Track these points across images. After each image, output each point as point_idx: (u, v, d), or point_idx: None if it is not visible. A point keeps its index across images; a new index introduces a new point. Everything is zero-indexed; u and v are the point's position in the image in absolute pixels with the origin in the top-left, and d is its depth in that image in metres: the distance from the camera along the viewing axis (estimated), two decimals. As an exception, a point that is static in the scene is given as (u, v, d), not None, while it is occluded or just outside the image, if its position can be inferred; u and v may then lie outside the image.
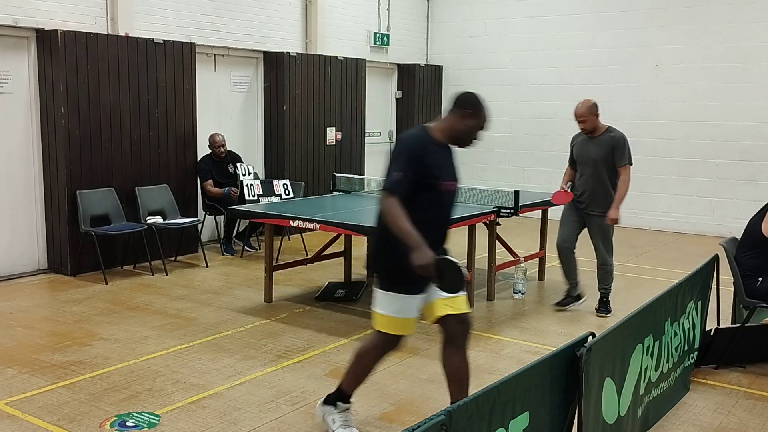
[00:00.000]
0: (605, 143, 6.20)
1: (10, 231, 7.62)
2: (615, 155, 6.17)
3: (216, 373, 4.98)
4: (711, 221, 10.65)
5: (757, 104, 10.20)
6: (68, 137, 7.50)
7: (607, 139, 6.21)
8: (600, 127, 6.26)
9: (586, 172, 6.32)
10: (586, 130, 6.23)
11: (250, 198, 8.68)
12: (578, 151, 6.41)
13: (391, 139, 12.54)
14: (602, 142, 6.22)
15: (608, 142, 6.20)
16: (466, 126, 3.84)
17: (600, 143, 6.22)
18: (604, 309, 6.53)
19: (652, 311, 4.01)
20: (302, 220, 6.16)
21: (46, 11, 7.59)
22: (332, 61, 10.49)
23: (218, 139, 8.81)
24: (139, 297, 6.93)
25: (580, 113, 6.18)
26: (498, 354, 5.51)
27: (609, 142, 6.19)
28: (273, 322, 6.18)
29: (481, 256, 7.16)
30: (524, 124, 12.13)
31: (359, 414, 4.37)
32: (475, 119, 3.87)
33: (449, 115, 3.92)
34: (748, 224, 5.28)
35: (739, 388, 4.87)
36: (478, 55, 12.51)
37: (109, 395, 4.60)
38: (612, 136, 6.23)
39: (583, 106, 6.18)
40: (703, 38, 10.51)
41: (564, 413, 3.05)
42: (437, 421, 2.24)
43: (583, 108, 6.18)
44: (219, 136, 8.84)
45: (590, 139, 6.28)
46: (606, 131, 6.27)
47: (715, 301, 5.19)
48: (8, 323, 6.06)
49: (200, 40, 9.05)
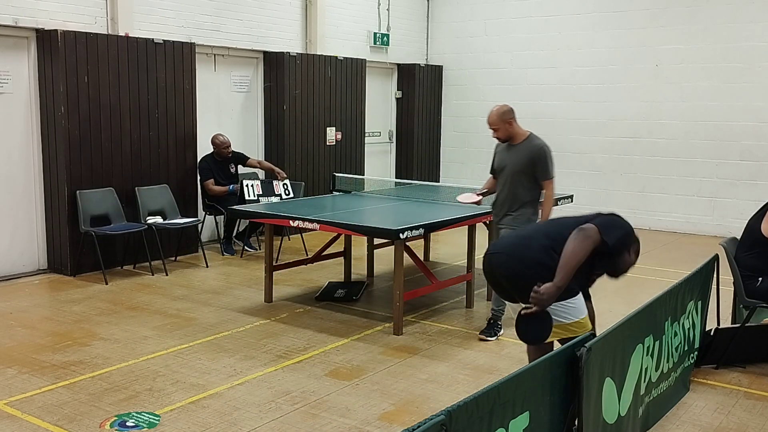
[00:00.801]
0: (523, 152, 5.59)
1: (10, 231, 7.62)
2: (536, 168, 5.54)
3: (216, 373, 4.98)
4: (711, 221, 10.65)
5: (757, 104, 10.19)
6: (68, 137, 7.50)
7: (527, 149, 5.60)
8: (519, 135, 5.65)
9: (501, 183, 5.74)
10: (500, 139, 5.67)
11: (250, 198, 8.68)
12: (498, 160, 5.82)
13: (390, 139, 12.55)
14: (520, 151, 5.61)
15: (527, 151, 5.58)
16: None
17: (518, 152, 5.61)
18: (489, 332, 5.81)
19: (652, 311, 4.01)
20: (302, 220, 6.16)
21: (46, 11, 7.59)
22: (332, 61, 10.49)
23: (221, 140, 8.79)
24: (139, 297, 6.93)
25: (492, 121, 5.60)
26: (498, 354, 5.50)
27: (528, 152, 5.58)
28: (273, 322, 6.18)
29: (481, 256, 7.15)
30: (524, 124, 12.05)
31: (359, 414, 4.37)
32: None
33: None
34: (747, 224, 5.28)
35: (739, 388, 4.87)
36: (478, 55, 12.51)
37: (109, 395, 4.60)
38: (533, 145, 5.60)
39: (494, 113, 5.60)
40: (703, 38, 10.50)
41: (564, 413, 3.05)
42: (437, 421, 2.24)
43: (494, 115, 5.60)
44: (222, 137, 8.83)
45: (509, 148, 5.68)
46: (526, 139, 5.64)
47: (715, 301, 5.18)
48: (8, 323, 6.06)
49: (200, 40, 9.05)
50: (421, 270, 6.50)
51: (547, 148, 5.61)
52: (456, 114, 12.84)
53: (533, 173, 5.56)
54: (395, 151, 12.64)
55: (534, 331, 3.73)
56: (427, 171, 12.72)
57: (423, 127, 12.61)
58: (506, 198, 5.69)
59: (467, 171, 12.71)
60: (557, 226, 4.00)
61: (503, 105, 5.68)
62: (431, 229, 6.28)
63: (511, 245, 4.07)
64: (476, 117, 12.61)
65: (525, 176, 5.59)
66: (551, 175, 5.59)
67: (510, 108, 5.66)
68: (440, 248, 9.22)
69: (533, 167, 5.55)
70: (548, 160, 5.58)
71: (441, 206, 7.04)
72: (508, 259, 3.93)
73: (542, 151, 5.58)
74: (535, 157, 5.55)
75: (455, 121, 12.90)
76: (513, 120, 5.63)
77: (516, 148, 5.64)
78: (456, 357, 5.41)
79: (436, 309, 6.65)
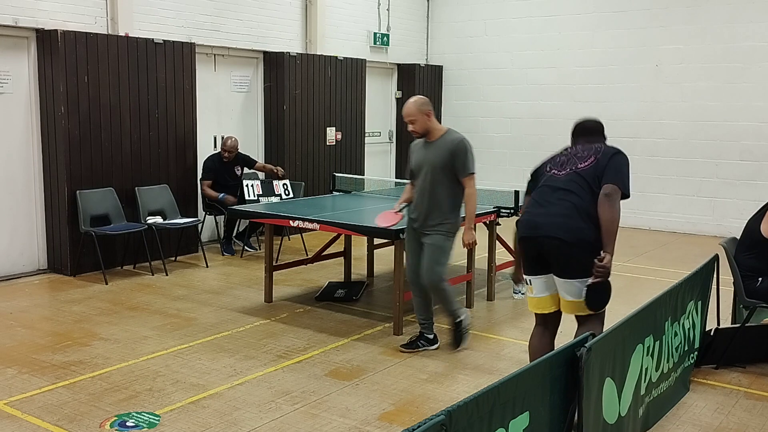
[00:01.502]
0: (442, 148, 5.20)
1: (10, 231, 7.62)
2: (456, 163, 5.16)
3: (216, 373, 4.98)
4: (711, 221, 10.65)
5: (757, 104, 10.20)
6: (68, 137, 7.50)
7: (446, 143, 5.21)
8: (436, 130, 5.27)
9: (419, 184, 5.31)
10: (416, 133, 5.27)
11: (250, 198, 8.68)
12: (415, 159, 5.39)
13: (390, 139, 12.54)
14: (438, 147, 5.22)
15: (446, 146, 5.20)
16: None
17: (436, 148, 5.22)
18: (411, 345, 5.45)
19: (652, 311, 4.00)
20: (302, 220, 6.16)
21: (46, 11, 7.59)
22: (332, 61, 10.49)
23: (228, 144, 8.81)
24: (139, 297, 6.93)
25: (408, 112, 5.20)
26: (498, 354, 5.50)
27: (447, 147, 5.19)
28: (273, 322, 6.18)
29: (481, 256, 7.16)
30: (524, 124, 12.13)
31: (359, 414, 4.37)
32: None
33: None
34: (747, 224, 5.28)
35: (739, 388, 4.87)
36: (478, 55, 12.51)
37: (109, 395, 4.60)
38: (452, 138, 5.24)
39: (412, 103, 5.21)
40: (703, 38, 10.51)
41: (564, 413, 3.05)
42: (437, 421, 2.24)
43: (411, 106, 5.20)
44: (230, 141, 8.84)
45: (426, 145, 5.30)
46: (445, 134, 5.28)
47: (715, 301, 5.19)
48: (8, 323, 6.06)
49: (200, 40, 9.05)
50: (421, 270, 6.49)
51: (467, 141, 5.26)
52: (456, 114, 12.84)
53: (453, 170, 5.19)
54: (395, 151, 12.64)
55: (603, 299, 3.97)
56: (427, 171, 12.70)
57: (423, 127, 12.58)
58: (427, 200, 5.26)
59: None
60: (588, 197, 4.03)
61: (420, 96, 5.34)
62: (431, 229, 6.26)
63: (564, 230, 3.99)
64: (476, 117, 12.63)
65: (445, 174, 5.20)
66: (471, 171, 5.23)
67: (428, 99, 5.30)
68: (440, 248, 9.21)
69: (453, 162, 5.18)
70: (468, 154, 5.22)
71: (441, 206, 7.02)
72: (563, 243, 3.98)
73: (462, 144, 5.21)
74: (454, 150, 5.18)
75: (455, 121, 12.87)
76: (431, 113, 5.25)
77: (434, 145, 5.26)
78: (456, 357, 5.40)
79: (436, 309, 6.63)
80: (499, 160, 12.43)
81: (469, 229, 5.36)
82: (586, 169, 4.11)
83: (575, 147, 4.37)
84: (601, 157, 4.14)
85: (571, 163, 4.20)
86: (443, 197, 5.23)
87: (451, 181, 5.22)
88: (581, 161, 4.18)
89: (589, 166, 4.12)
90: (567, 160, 4.26)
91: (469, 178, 5.23)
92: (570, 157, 4.27)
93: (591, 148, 4.25)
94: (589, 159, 4.16)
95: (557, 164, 4.29)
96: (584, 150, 4.25)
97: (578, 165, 4.16)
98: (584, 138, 4.41)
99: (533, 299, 4.25)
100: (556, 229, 3.98)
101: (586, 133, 4.44)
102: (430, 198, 5.24)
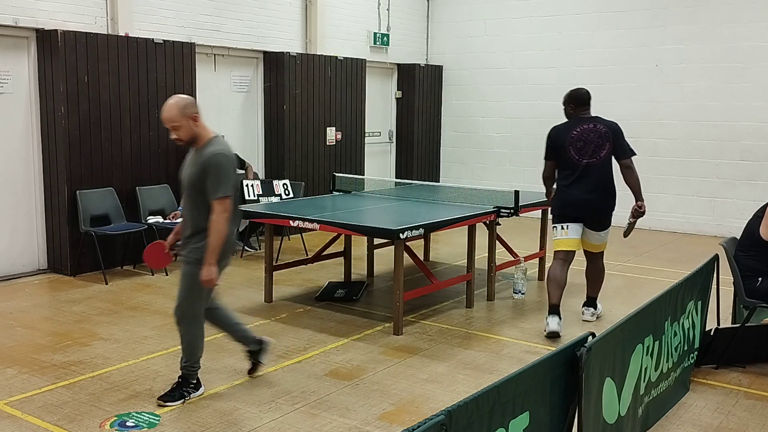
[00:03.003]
0: (198, 161, 4.32)
1: (10, 231, 7.62)
2: (207, 180, 4.23)
3: (216, 373, 4.98)
4: (711, 221, 10.65)
5: (757, 104, 10.20)
6: (68, 137, 7.50)
7: (201, 156, 4.31)
8: (203, 137, 4.36)
9: (183, 201, 4.50)
10: (181, 141, 4.34)
11: (250, 198, 8.68)
12: (183, 170, 4.51)
13: (390, 139, 12.55)
14: (197, 158, 4.35)
15: (201, 160, 4.29)
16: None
17: (195, 161, 4.37)
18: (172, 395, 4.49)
19: (652, 311, 4.00)
20: (302, 220, 6.16)
21: (46, 11, 7.59)
22: (332, 61, 10.49)
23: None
24: (139, 297, 6.92)
25: (170, 117, 4.28)
26: (498, 354, 5.50)
27: (201, 161, 4.29)
28: (273, 322, 6.18)
29: (481, 256, 7.16)
30: (524, 124, 12.13)
31: (359, 414, 4.37)
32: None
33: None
34: (747, 224, 5.28)
35: (739, 388, 4.87)
36: (478, 55, 12.51)
37: (109, 395, 4.60)
38: (207, 152, 4.29)
39: (172, 105, 4.29)
40: (703, 38, 10.51)
41: (564, 413, 3.05)
42: (437, 421, 2.24)
43: (172, 108, 4.28)
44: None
45: (193, 154, 4.43)
46: (206, 144, 4.35)
47: (715, 301, 5.19)
48: (8, 323, 6.06)
49: (200, 40, 9.05)
50: (421, 270, 6.50)
51: (223, 156, 4.28)
52: (456, 114, 12.85)
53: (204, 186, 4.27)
54: (395, 151, 12.64)
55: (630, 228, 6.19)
56: (427, 171, 12.73)
57: (423, 127, 12.61)
58: (188, 221, 4.42)
59: (467, 171, 12.73)
60: (608, 167, 5.92)
61: (183, 96, 4.46)
62: (431, 229, 6.28)
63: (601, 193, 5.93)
64: (476, 117, 12.64)
65: (199, 193, 4.30)
66: (220, 194, 4.23)
67: (193, 100, 4.42)
68: (440, 248, 9.22)
69: (204, 179, 4.26)
70: (221, 174, 4.24)
71: (441, 206, 7.04)
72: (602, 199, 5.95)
73: (215, 160, 4.24)
74: (206, 166, 4.25)
75: (455, 121, 12.91)
76: (198, 116, 4.36)
77: (197, 155, 4.37)
78: (456, 357, 5.41)
79: (436, 309, 6.65)
80: (499, 160, 12.43)
81: (210, 264, 4.27)
82: (606, 154, 5.87)
83: (587, 125, 5.89)
84: (612, 139, 5.85)
85: (594, 152, 5.85)
86: (204, 219, 4.30)
87: (206, 202, 4.28)
88: (600, 150, 5.85)
89: (607, 152, 5.87)
90: (584, 146, 5.84)
91: (217, 202, 4.23)
92: (586, 143, 5.83)
93: (598, 132, 5.86)
94: (606, 147, 5.85)
95: (580, 151, 5.85)
96: (593, 133, 5.86)
97: (600, 154, 5.85)
98: (582, 108, 5.99)
99: (565, 240, 5.95)
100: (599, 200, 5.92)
101: (585, 102, 6.01)
102: (191, 219, 4.39)
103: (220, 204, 4.24)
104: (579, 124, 5.92)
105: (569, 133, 5.90)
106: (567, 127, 5.97)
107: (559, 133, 5.98)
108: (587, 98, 5.97)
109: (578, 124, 5.92)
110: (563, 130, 5.96)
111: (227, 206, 4.27)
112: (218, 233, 4.25)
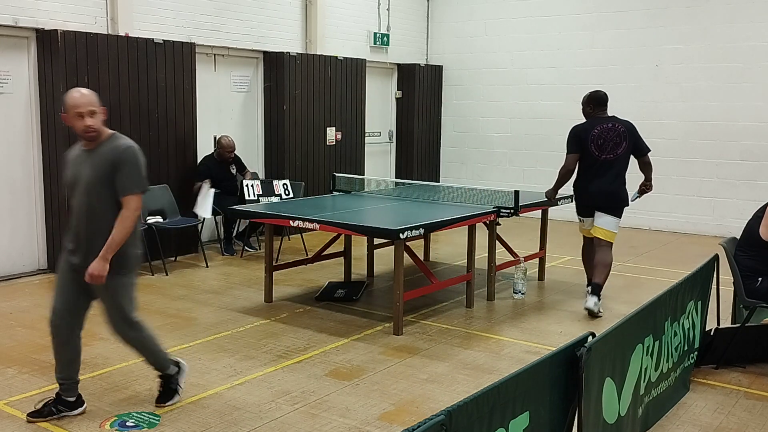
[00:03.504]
0: (105, 156, 3.99)
1: (10, 231, 7.62)
2: (119, 175, 3.95)
3: (216, 373, 4.98)
4: (711, 221, 10.65)
5: (757, 104, 10.20)
6: (68, 137, 7.49)
7: (110, 151, 4.00)
8: (103, 131, 4.08)
9: (75, 203, 4.10)
10: (93, 131, 4.01)
11: (250, 198, 8.68)
12: (70, 173, 4.13)
13: (390, 139, 12.55)
14: (101, 155, 4.00)
15: (110, 154, 3.99)
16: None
17: (98, 157, 4.01)
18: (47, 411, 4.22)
19: (652, 311, 4.00)
20: (302, 220, 6.16)
21: (46, 11, 7.59)
22: (332, 61, 10.49)
23: (227, 143, 8.80)
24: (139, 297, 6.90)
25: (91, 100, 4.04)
26: (498, 354, 5.51)
27: (109, 156, 3.98)
28: (273, 322, 6.18)
29: (481, 256, 7.16)
30: (524, 124, 12.13)
31: (359, 414, 4.37)
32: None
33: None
34: (747, 224, 5.28)
35: (739, 388, 4.87)
36: (478, 55, 12.51)
37: (109, 395, 4.60)
38: (118, 144, 4.02)
39: (90, 93, 4.11)
40: (703, 38, 10.51)
41: (564, 413, 3.05)
42: (437, 421, 2.24)
43: (90, 95, 4.07)
44: (228, 139, 8.82)
45: (87, 154, 4.06)
46: (110, 139, 4.07)
47: (715, 301, 5.19)
48: (8, 323, 6.06)
49: (200, 40, 9.05)
50: (421, 270, 6.50)
51: (137, 150, 4.05)
52: (456, 114, 12.85)
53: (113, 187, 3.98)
54: (395, 151, 12.64)
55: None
56: (427, 171, 12.73)
57: (423, 127, 12.61)
58: (82, 225, 4.07)
59: (467, 171, 12.73)
60: (623, 162, 6.53)
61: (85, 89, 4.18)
62: (431, 229, 6.28)
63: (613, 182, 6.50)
64: (476, 117, 12.64)
65: (107, 190, 3.99)
66: (136, 190, 4.00)
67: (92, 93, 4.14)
68: (440, 248, 9.22)
69: (115, 175, 3.97)
70: (138, 167, 4.01)
71: (441, 206, 7.04)
72: (614, 186, 6.53)
73: (130, 152, 4.01)
74: (118, 160, 3.97)
75: (455, 121, 12.91)
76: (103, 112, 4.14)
77: (96, 153, 4.03)
78: (456, 357, 5.41)
79: (436, 309, 6.65)
80: (499, 160, 12.43)
81: (103, 258, 3.95)
82: (623, 152, 6.48)
83: (606, 125, 6.47)
84: (629, 138, 6.48)
85: (612, 149, 6.44)
86: (109, 221, 3.99)
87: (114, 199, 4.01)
88: (618, 147, 6.45)
89: (623, 150, 6.48)
90: (604, 143, 6.44)
91: (132, 197, 3.98)
92: (606, 141, 6.43)
93: (616, 131, 6.46)
94: (623, 144, 6.45)
95: (600, 147, 6.44)
96: (612, 132, 6.46)
97: (617, 151, 6.45)
98: (600, 109, 6.58)
99: (585, 230, 6.78)
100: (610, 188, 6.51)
101: (603, 103, 6.59)
102: (93, 225, 4.02)
103: (136, 200, 3.99)
104: (599, 124, 6.51)
105: (590, 131, 6.50)
106: (588, 126, 6.55)
107: (583, 131, 6.55)
108: (605, 99, 6.64)
109: (598, 123, 6.52)
110: (586, 129, 6.54)
111: (140, 204, 4.04)
112: (125, 230, 3.96)
